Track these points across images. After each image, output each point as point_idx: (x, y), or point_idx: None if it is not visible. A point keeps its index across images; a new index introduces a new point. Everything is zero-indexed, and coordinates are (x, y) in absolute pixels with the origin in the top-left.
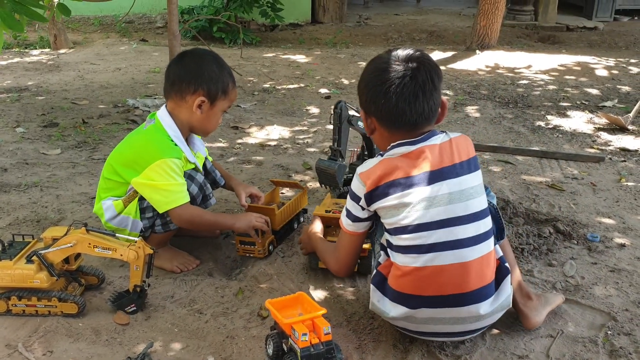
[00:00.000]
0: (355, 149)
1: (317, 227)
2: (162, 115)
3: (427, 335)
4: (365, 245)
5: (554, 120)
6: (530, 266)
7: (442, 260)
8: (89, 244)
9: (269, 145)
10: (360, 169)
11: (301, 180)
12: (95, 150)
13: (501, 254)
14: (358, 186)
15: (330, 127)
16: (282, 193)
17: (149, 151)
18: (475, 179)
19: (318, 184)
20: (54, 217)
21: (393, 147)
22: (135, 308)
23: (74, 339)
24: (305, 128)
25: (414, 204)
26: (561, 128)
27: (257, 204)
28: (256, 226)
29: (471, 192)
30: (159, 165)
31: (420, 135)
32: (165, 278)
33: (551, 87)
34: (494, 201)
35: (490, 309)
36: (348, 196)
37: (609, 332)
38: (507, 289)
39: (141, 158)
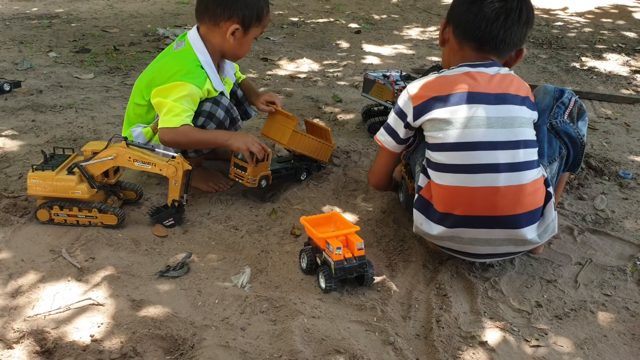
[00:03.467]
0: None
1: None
2: (194, 38)
3: (472, 257)
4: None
5: (589, 62)
6: (561, 199)
7: (476, 181)
8: (129, 157)
9: (299, 78)
10: (410, 86)
11: (331, 112)
12: (128, 76)
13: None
14: (406, 103)
15: (361, 61)
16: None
17: (174, 72)
18: (524, 112)
19: (349, 116)
20: (90, 137)
21: (453, 68)
22: (173, 222)
23: (115, 248)
24: (335, 62)
25: (458, 122)
26: (596, 70)
27: (277, 108)
28: (251, 149)
29: (516, 122)
30: (176, 86)
31: (482, 60)
32: (201, 197)
33: (587, 29)
34: (584, 131)
35: (535, 234)
36: (392, 114)
37: (638, 263)
38: (551, 214)
39: (165, 77)
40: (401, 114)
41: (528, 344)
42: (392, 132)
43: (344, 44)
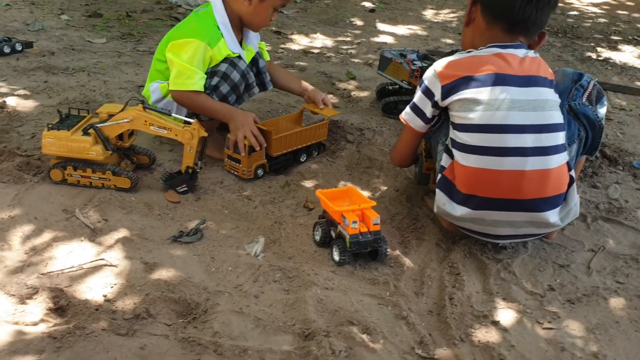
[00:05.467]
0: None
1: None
2: (216, 1)
3: (492, 238)
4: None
5: (604, 53)
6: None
7: (503, 164)
8: (145, 121)
9: (312, 53)
10: (437, 65)
11: (344, 89)
12: (140, 42)
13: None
14: (434, 82)
15: (375, 40)
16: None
17: (189, 30)
18: (550, 94)
19: (362, 94)
20: (102, 100)
21: (482, 49)
22: (186, 188)
23: (127, 210)
24: (348, 39)
25: (488, 103)
26: (611, 60)
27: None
28: (244, 137)
29: (547, 105)
30: (188, 43)
31: (511, 42)
32: (214, 165)
33: (602, 20)
34: (602, 114)
35: (557, 218)
36: (418, 91)
37: None
38: (574, 198)
39: (181, 33)
40: (428, 93)
41: (540, 326)
42: (418, 112)
43: (358, 22)
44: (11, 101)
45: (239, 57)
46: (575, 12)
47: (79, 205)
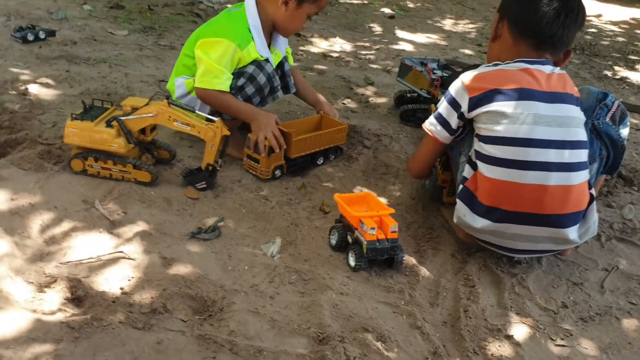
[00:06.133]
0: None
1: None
2: (250, 3)
3: (509, 251)
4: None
5: (622, 72)
6: None
7: (526, 177)
8: (169, 116)
9: (331, 56)
10: (465, 77)
11: (362, 94)
12: (162, 37)
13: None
14: (461, 93)
15: (394, 46)
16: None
17: (221, 30)
18: (576, 112)
19: (380, 100)
20: (123, 93)
21: (509, 63)
22: (205, 185)
23: (147, 204)
24: (368, 44)
25: (515, 117)
26: (628, 80)
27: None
28: (265, 138)
29: (573, 122)
30: (218, 42)
31: (537, 58)
32: (233, 164)
33: (620, 39)
34: (625, 135)
35: (576, 235)
36: (444, 102)
37: None
38: (593, 216)
39: (211, 32)
40: (455, 104)
41: (553, 343)
42: (443, 122)
43: (377, 28)
44: (33, 89)
45: (267, 60)
46: (593, 30)
47: (98, 196)
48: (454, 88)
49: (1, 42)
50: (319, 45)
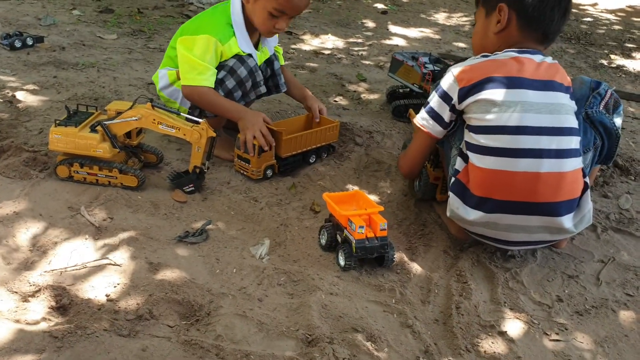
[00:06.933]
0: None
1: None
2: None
3: (504, 244)
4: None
5: (618, 60)
6: None
7: (518, 165)
8: (154, 119)
9: (323, 54)
10: (455, 69)
11: (355, 91)
12: (151, 39)
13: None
14: (452, 85)
15: (386, 42)
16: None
17: (202, 24)
18: (565, 99)
19: (373, 96)
20: (111, 97)
21: (498, 53)
22: (193, 188)
23: (134, 209)
24: (360, 40)
25: (506, 105)
26: (624, 68)
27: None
28: (253, 137)
29: (563, 109)
30: (200, 39)
31: (536, 50)
32: (222, 165)
33: (617, 27)
34: (619, 124)
35: (571, 224)
36: (435, 95)
37: None
38: (588, 205)
39: (194, 27)
40: (446, 97)
41: (548, 338)
42: (436, 117)
43: (370, 24)
44: (20, 96)
45: (249, 55)
46: (589, 19)
47: (84, 202)
48: (445, 81)
49: None
50: (311, 42)
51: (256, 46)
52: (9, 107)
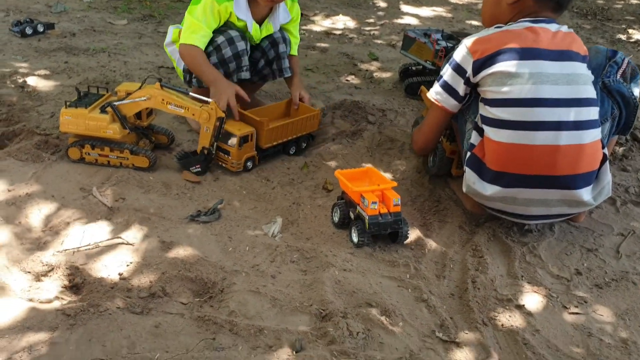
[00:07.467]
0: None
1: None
2: None
3: (523, 218)
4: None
5: (636, 35)
6: None
7: (536, 138)
8: (162, 99)
9: (334, 34)
10: (467, 40)
11: (367, 70)
12: (161, 24)
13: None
14: (465, 58)
15: (398, 21)
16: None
17: None
18: (583, 69)
19: (385, 74)
20: (122, 81)
21: (512, 23)
22: (199, 169)
23: (145, 190)
24: (371, 20)
25: (522, 77)
26: None
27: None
28: (220, 104)
29: (581, 79)
30: (205, 2)
31: (550, 18)
32: None
33: (634, 1)
34: (637, 93)
35: (590, 196)
36: (449, 69)
37: None
38: (607, 176)
39: None
40: (460, 70)
41: (567, 311)
42: (450, 90)
43: (382, 3)
44: (31, 81)
45: (241, 36)
46: None
47: (96, 183)
48: (458, 53)
49: (0, 36)
50: (321, 23)
51: (262, 21)
52: (20, 92)
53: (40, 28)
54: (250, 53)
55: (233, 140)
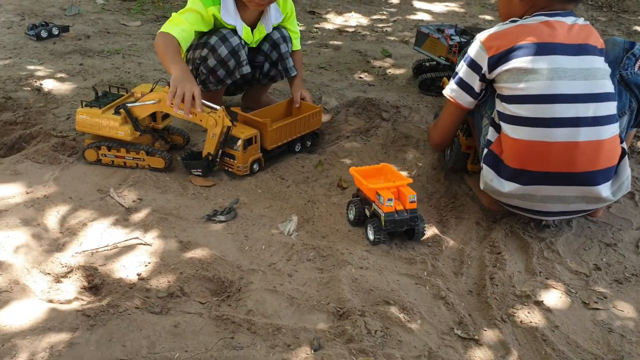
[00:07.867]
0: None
1: None
2: None
3: (541, 215)
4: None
5: None
6: None
7: (555, 135)
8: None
9: (347, 32)
10: (481, 36)
11: (380, 67)
12: None
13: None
14: (480, 54)
15: (411, 17)
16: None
17: None
18: (600, 63)
19: (399, 71)
20: (137, 82)
21: (527, 17)
22: (200, 173)
23: (162, 190)
24: (384, 17)
25: (539, 73)
26: None
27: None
28: (173, 96)
29: (599, 73)
30: (193, 5)
31: (560, 10)
32: None
33: None
34: None
35: (609, 192)
36: (464, 65)
37: None
38: (626, 171)
39: None
40: (475, 66)
41: (586, 307)
42: (466, 87)
43: (394, 0)
44: (48, 84)
45: (233, 32)
46: None
47: (113, 184)
48: (472, 50)
49: (16, 40)
50: (334, 21)
51: (254, 24)
52: (37, 95)
53: (55, 31)
54: (253, 57)
55: (238, 144)
